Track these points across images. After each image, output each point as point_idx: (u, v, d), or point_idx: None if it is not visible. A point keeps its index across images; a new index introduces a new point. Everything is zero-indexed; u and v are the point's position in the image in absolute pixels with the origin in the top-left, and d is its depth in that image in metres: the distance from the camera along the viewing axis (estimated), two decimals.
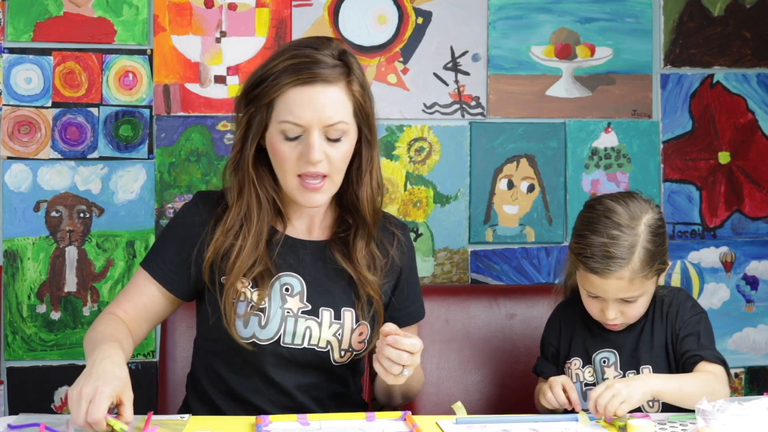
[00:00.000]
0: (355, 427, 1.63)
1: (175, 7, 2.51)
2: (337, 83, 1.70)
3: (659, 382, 1.72)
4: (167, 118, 2.51)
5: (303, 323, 1.76)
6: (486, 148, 2.59)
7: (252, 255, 1.75)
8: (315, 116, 1.68)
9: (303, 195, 1.73)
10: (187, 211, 1.84)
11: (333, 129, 1.70)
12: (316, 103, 1.68)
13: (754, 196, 2.66)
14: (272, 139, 1.72)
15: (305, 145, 1.69)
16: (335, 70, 1.70)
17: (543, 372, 1.97)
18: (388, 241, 1.87)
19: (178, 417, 1.68)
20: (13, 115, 2.48)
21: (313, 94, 1.68)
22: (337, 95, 1.70)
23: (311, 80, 1.68)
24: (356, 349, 1.81)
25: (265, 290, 1.75)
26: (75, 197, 2.50)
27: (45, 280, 2.50)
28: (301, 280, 1.79)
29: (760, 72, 2.66)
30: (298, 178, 1.72)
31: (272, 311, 1.75)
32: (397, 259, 1.87)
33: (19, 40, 2.47)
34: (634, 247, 1.78)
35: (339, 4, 2.54)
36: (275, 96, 1.70)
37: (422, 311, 1.96)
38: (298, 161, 1.70)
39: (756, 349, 2.67)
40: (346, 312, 1.80)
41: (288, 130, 1.69)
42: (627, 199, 1.83)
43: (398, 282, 1.88)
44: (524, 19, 2.59)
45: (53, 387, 2.51)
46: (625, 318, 1.85)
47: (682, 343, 1.84)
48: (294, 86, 1.68)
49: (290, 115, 1.68)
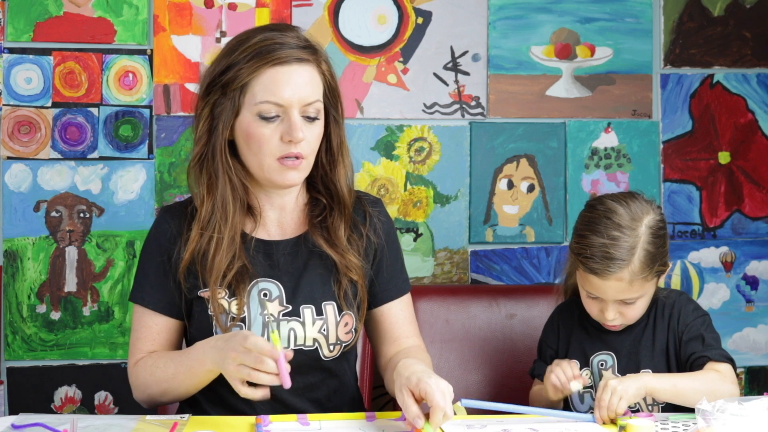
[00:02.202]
0: (355, 427, 1.63)
1: (175, 7, 2.51)
2: (309, 63, 1.73)
3: (653, 378, 1.71)
4: (167, 118, 2.51)
5: (286, 326, 1.75)
6: (486, 148, 2.59)
7: (229, 251, 1.73)
8: (294, 95, 1.69)
9: (282, 174, 1.73)
10: (156, 230, 1.82)
11: (310, 107, 1.72)
12: (294, 81, 1.70)
13: (754, 196, 2.66)
14: (247, 124, 1.72)
15: (287, 125, 1.70)
16: (305, 50, 1.73)
17: (540, 374, 1.96)
18: (361, 221, 1.86)
19: (178, 417, 1.68)
20: (13, 115, 2.48)
21: (290, 73, 1.70)
22: (311, 74, 1.73)
23: (287, 60, 1.70)
24: (344, 341, 1.79)
25: (243, 299, 1.73)
26: (75, 197, 2.50)
27: (45, 280, 2.50)
28: (278, 283, 1.77)
29: (760, 72, 2.66)
30: (276, 161, 1.72)
31: (252, 319, 1.74)
32: (372, 238, 1.85)
33: (19, 40, 2.47)
34: (635, 248, 1.77)
35: (339, 4, 2.54)
36: (249, 79, 1.70)
37: (406, 285, 1.91)
38: (279, 143, 1.70)
39: (756, 349, 2.67)
40: (327, 306, 1.78)
41: (266, 110, 1.69)
42: (628, 200, 1.82)
43: (375, 259, 1.86)
44: (524, 19, 2.60)
45: (53, 387, 2.51)
46: (624, 319, 1.84)
47: (686, 347, 1.82)
48: (270, 66, 1.69)
49: (270, 94, 1.69)
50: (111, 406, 2.51)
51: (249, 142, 1.73)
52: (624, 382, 1.67)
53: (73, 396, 2.51)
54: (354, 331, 1.81)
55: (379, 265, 1.86)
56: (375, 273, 1.86)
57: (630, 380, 1.68)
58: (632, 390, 1.66)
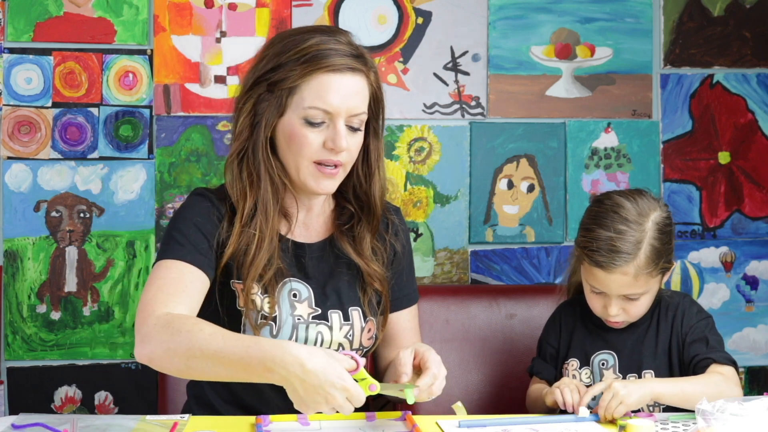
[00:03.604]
0: (355, 427, 1.63)
1: (175, 7, 2.51)
2: (360, 73, 1.72)
3: (659, 385, 1.71)
4: (167, 118, 2.51)
5: (314, 329, 1.75)
6: (486, 148, 2.59)
7: (269, 249, 1.71)
8: (343, 104, 1.69)
9: (317, 181, 1.72)
10: (199, 202, 1.76)
11: (356, 118, 1.72)
12: (345, 90, 1.69)
13: (754, 196, 2.66)
14: (291, 126, 1.70)
15: (331, 132, 1.69)
16: (358, 60, 1.72)
17: (540, 372, 1.96)
18: (384, 228, 1.87)
19: (178, 417, 1.68)
20: (13, 115, 2.48)
21: (342, 82, 1.69)
22: (361, 85, 1.72)
23: (339, 68, 1.69)
24: (366, 347, 1.81)
25: (274, 297, 1.72)
26: (75, 197, 2.50)
27: (45, 280, 2.50)
28: (307, 285, 1.78)
29: (760, 72, 2.66)
30: (314, 164, 1.71)
31: (283, 319, 1.73)
32: (396, 245, 1.87)
33: (19, 40, 2.47)
34: (641, 243, 1.77)
35: (339, 4, 2.54)
36: (300, 82, 1.69)
37: (416, 295, 1.95)
38: (320, 148, 1.70)
39: (756, 349, 2.67)
40: (354, 312, 1.79)
41: (314, 116, 1.69)
42: (636, 196, 1.82)
43: (393, 266, 1.87)
44: (524, 19, 2.59)
45: (53, 387, 2.51)
46: (627, 315, 1.84)
47: (689, 349, 1.82)
48: (323, 73, 1.68)
49: (319, 101, 1.68)
50: (111, 406, 2.51)
51: (290, 144, 1.72)
52: (628, 387, 1.66)
53: (73, 396, 2.51)
54: (375, 338, 1.83)
55: (394, 274, 1.88)
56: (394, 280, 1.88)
57: (635, 386, 1.67)
58: (635, 396, 1.66)
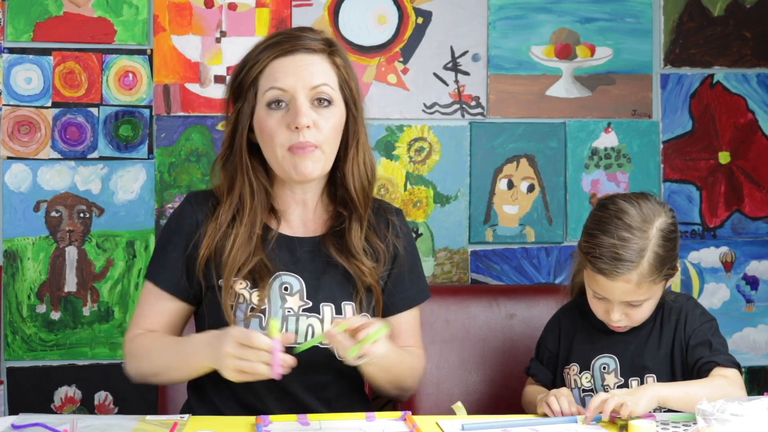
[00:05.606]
0: (355, 427, 1.63)
1: (175, 7, 2.51)
2: (319, 52, 1.75)
3: (664, 389, 1.69)
4: (167, 118, 2.51)
5: (305, 321, 1.76)
6: (486, 148, 2.59)
7: (246, 247, 1.75)
8: (298, 79, 1.71)
9: (295, 166, 1.73)
10: (180, 213, 1.84)
11: (318, 91, 1.73)
12: (299, 67, 1.72)
13: (754, 196, 2.66)
14: (260, 118, 1.74)
15: (292, 110, 1.71)
16: (317, 42, 1.75)
17: (535, 375, 1.96)
18: (384, 227, 1.87)
19: (178, 417, 1.68)
20: (13, 115, 2.48)
21: (295, 61, 1.73)
22: (319, 61, 1.75)
23: (293, 50, 1.73)
24: None
25: (264, 291, 1.74)
26: (75, 197, 2.50)
27: (45, 280, 2.50)
28: (300, 278, 1.78)
29: (760, 72, 2.65)
30: (287, 151, 1.72)
31: (272, 312, 1.74)
32: (397, 245, 1.86)
33: (19, 40, 2.47)
34: (644, 250, 1.74)
35: (339, 4, 2.54)
36: (258, 73, 1.73)
37: (422, 294, 1.92)
38: (287, 132, 1.71)
39: (756, 349, 2.67)
40: (347, 306, 1.79)
41: (272, 97, 1.72)
42: (641, 201, 1.79)
43: (393, 267, 1.87)
44: (524, 19, 2.59)
45: (53, 387, 2.50)
46: (629, 321, 1.82)
47: (693, 352, 1.80)
48: (276, 58, 1.73)
49: (274, 81, 1.72)
50: (111, 406, 2.51)
51: (263, 136, 1.75)
52: (634, 395, 1.64)
53: (73, 396, 2.51)
54: None
55: (395, 275, 1.87)
56: (392, 282, 1.87)
57: (639, 392, 1.66)
58: (643, 402, 1.64)
